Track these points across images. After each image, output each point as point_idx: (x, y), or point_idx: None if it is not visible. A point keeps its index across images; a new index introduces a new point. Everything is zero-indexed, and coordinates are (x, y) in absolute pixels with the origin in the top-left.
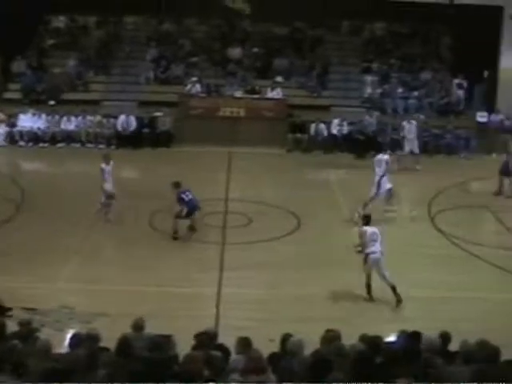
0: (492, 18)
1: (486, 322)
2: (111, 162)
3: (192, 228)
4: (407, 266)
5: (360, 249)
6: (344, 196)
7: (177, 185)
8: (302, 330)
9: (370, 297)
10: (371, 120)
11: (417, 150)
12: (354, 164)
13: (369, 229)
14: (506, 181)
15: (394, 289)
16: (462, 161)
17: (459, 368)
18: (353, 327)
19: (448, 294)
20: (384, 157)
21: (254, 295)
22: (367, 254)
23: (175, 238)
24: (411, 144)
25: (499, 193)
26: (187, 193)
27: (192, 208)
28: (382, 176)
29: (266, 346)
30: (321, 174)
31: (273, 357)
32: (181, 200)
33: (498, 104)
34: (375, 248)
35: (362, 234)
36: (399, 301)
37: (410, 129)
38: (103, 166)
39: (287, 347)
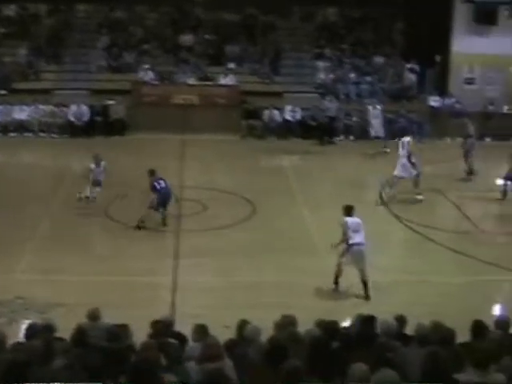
0: (444, 1)
1: (441, 305)
2: (102, 163)
3: (164, 223)
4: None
5: (337, 243)
6: (298, 182)
7: (151, 172)
8: (258, 316)
9: (335, 287)
10: (330, 105)
11: (382, 134)
12: (307, 150)
13: (350, 219)
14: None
15: (365, 285)
16: (415, 145)
17: (415, 351)
18: (307, 312)
19: (403, 277)
20: (406, 139)
21: (210, 282)
22: (350, 245)
23: (139, 228)
24: (376, 128)
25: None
26: (160, 181)
27: (163, 197)
28: (409, 156)
29: (222, 332)
30: (275, 160)
31: (229, 343)
32: (153, 188)
33: (450, 88)
34: (359, 239)
35: (343, 225)
36: (367, 297)
37: (375, 114)
38: (92, 166)
39: (244, 334)
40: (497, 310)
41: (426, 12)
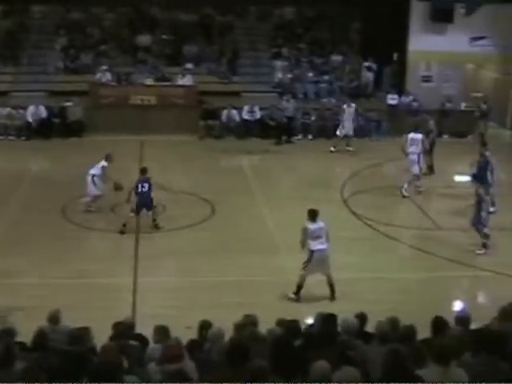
0: (400, 0)
1: (401, 302)
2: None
3: (156, 226)
4: None
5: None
6: (257, 181)
7: (141, 171)
8: (220, 317)
9: (297, 298)
10: (288, 105)
11: (352, 133)
12: (266, 149)
13: (312, 226)
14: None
15: (332, 287)
16: (373, 143)
17: (376, 348)
18: (270, 311)
19: (363, 275)
20: (418, 136)
21: (170, 283)
22: (312, 252)
23: (122, 232)
24: (348, 127)
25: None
26: (144, 184)
27: (139, 202)
28: (419, 154)
29: (184, 333)
30: (233, 160)
31: (191, 344)
32: (134, 189)
33: (408, 86)
34: (320, 245)
35: (303, 231)
36: (332, 298)
37: (349, 112)
38: (105, 164)
39: (208, 336)
40: (457, 305)
41: (383, 10)
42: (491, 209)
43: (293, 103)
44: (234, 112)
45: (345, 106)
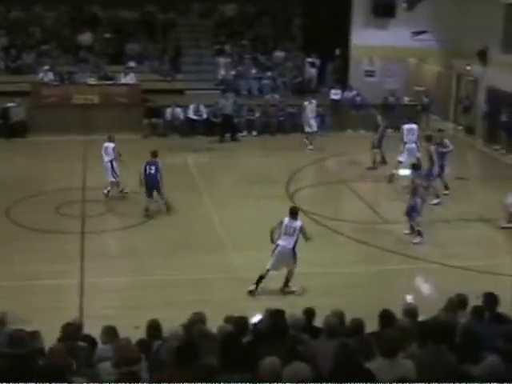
0: None
1: (349, 296)
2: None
3: (168, 208)
4: (267, 245)
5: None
6: (203, 179)
7: (152, 154)
8: (169, 316)
9: (255, 288)
10: (227, 103)
11: (316, 128)
12: (211, 147)
13: (288, 221)
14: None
15: (287, 282)
16: (317, 138)
17: (325, 343)
18: (218, 309)
19: (311, 270)
20: (414, 126)
21: (118, 283)
22: (276, 246)
23: (148, 216)
24: (313, 124)
25: (374, 167)
26: (152, 166)
27: (147, 184)
28: (417, 142)
29: (133, 333)
30: (178, 159)
31: (140, 344)
32: (144, 170)
33: (351, 81)
34: (285, 242)
35: (279, 223)
36: (283, 292)
37: (311, 108)
38: (113, 145)
39: (162, 336)
40: (404, 298)
41: (325, 6)
42: (434, 200)
43: (231, 100)
44: (179, 110)
45: (306, 103)
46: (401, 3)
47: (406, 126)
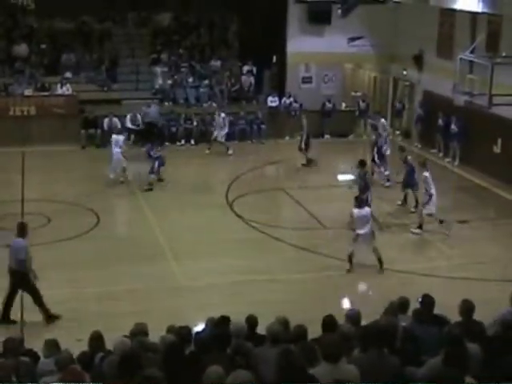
0: (278, 3)
1: (291, 302)
2: None
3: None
4: (208, 253)
5: None
6: (142, 188)
7: None
8: (109, 327)
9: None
10: (148, 110)
11: (222, 139)
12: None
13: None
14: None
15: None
16: (255, 146)
17: (268, 350)
18: (156, 319)
19: (252, 277)
20: (382, 120)
21: (58, 295)
22: None
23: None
24: (220, 132)
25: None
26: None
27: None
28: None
29: (75, 345)
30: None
31: (82, 356)
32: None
33: (288, 88)
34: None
35: None
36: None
37: (218, 120)
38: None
39: (104, 347)
40: (346, 303)
41: (261, 14)
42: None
43: (155, 109)
44: (116, 120)
45: (216, 114)
46: (336, 10)
47: (381, 121)
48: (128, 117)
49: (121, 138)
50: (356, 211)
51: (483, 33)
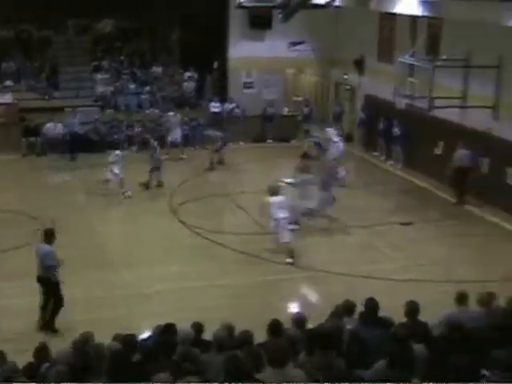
0: (219, 8)
1: (236, 308)
2: None
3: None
4: (153, 260)
5: None
6: (86, 197)
7: None
8: (68, 335)
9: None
10: (74, 121)
11: (179, 140)
12: (91, 163)
13: None
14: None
15: None
16: (199, 152)
17: (214, 356)
18: (104, 328)
19: (196, 283)
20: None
21: (14, 305)
22: None
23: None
24: (175, 135)
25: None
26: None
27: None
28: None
29: (23, 356)
30: (60, 177)
31: (28, 367)
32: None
33: (230, 93)
34: None
35: None
36: None
37: (175, 121)
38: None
39: (50, 358)
40: (292, 307)
41: (202, 19)
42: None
43: (76, 119)
44: (57, 128)
45: (170, 115)
46: (277, 15)
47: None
48: (48, 126)
49: (117, 152)
50: (271, 199)
51: (423, 36)
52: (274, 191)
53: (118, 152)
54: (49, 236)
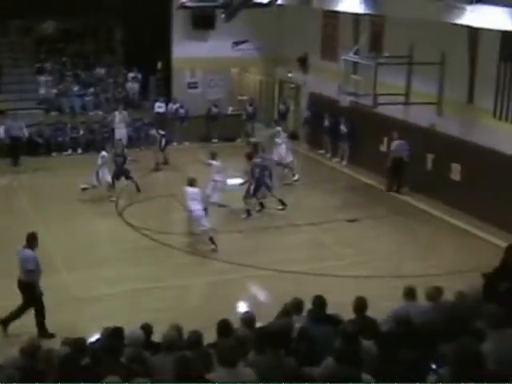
0: (162, 9)
1: (185, 308)
2: None
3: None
4: (101, 263)
5: None
6: (30, 200)
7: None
8: (3, 342)
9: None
10: (14, 124)
11: (125, 139)
12: (37, 166)
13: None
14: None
15: None
16: (143, 153)
17: (164, 357)
18: (53, 331)
19: (145, 285)
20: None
21: None
22: None
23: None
24: (121, 133)
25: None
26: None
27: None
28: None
29: None
30: (2, 180)
31: None
32: None
33: (174, 93)
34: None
35: None
36: None
37: (120, 119)
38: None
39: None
40: (241, 307)
41: (146, 20)
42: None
43: (18, 123)
44: (1, 130)
45: (116, 113)
46: (220, 15)
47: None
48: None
49: (103, 153)
50: (187, 189)
51: (366, 34)
52: (191, 183)
53: (103, 153)
54: (31, 241)
